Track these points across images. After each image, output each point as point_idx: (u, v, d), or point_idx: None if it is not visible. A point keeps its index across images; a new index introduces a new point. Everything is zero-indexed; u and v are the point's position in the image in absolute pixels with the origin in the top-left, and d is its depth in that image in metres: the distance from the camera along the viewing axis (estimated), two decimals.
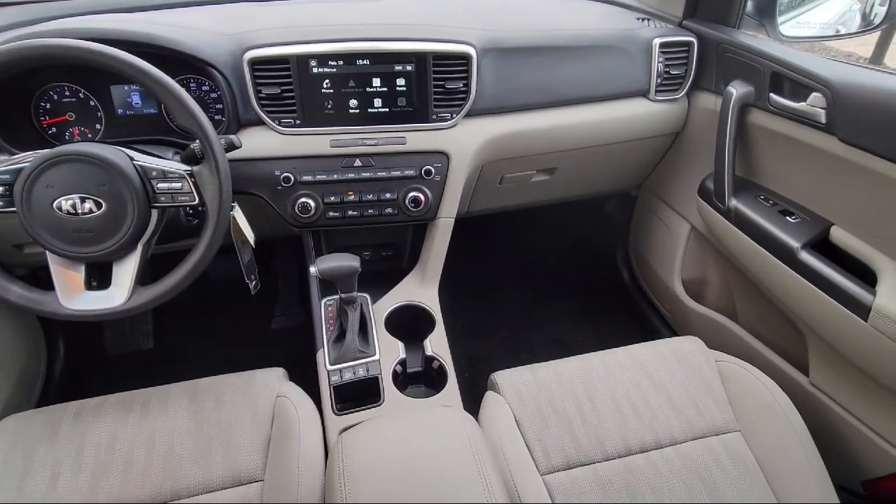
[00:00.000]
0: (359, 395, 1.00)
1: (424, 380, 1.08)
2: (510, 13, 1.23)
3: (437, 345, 1.09)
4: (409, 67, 1.00)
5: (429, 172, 1.06)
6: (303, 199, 1.02)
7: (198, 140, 0.80)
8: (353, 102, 1.01)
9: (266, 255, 1.77)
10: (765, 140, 1.11)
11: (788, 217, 1.04)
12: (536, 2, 1.37)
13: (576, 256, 1.95)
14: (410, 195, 1.06)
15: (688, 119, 1.29)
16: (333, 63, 0.97)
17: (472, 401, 0.99)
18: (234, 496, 0.80)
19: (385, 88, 1.00)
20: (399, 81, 1.00)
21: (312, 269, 0.97)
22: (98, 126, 0.99)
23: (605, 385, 0.94)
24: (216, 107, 1.00)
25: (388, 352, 1.05)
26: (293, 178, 1.01)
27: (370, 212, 1.07)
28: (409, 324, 1.13)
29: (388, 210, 1.08)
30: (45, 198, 0.75)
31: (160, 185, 0.79)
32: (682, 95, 1.25)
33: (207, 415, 0.87)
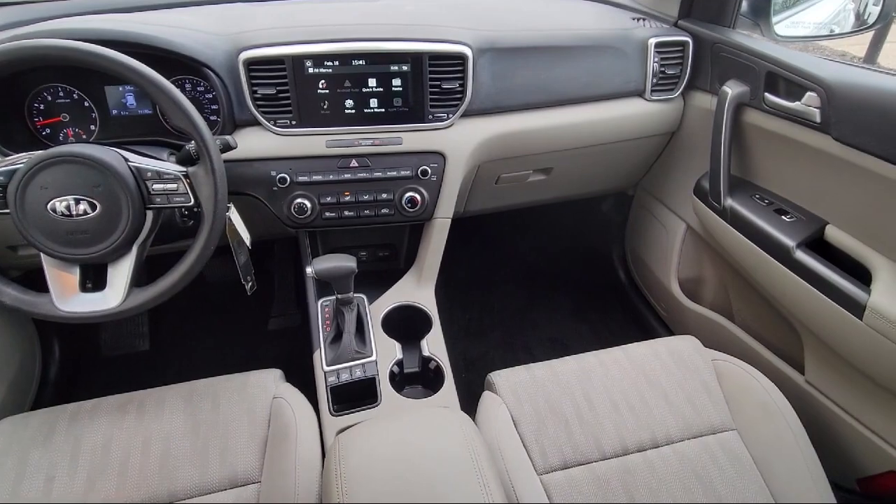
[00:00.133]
0: (356, 396, 1.00)
1: (421, 380, 1.08)
2: (506, 13, 1.23)
3: (434, 345, 1.09)
4: (405, 67, 1.00)
5: (425, 173, 1.06)
6: (299, 200, 1.02)
7: (193, 141, 0.79)
8: (349, 103, 1.00)
9: (262, 256, 1.76)
10: (760, 139, 1.11)
11: (784, 216, 1.05)
12: (532, 2, 1.37)
13: (572, 256, 1.95)
14: (407, 195, 1.06)
15: (683, 119, 1.29)
16: (329, 63, 0.97)
17: (470, 401, 0.99)
18: (231, 498, 0.79)
19: (381, 89, 1.00)
20: (395, 82, 1.00)
21: (309, 270, 0.97)
22: (92, 127, 0.99)
23: (602, 384, 0.94)
24: (211, 107, 1.00)
25: (385, 352, 1.05)
26: (289, 179, 1.01)
27: (366, 212, 1.07)
28: (406, 324, 1.13)
29: (385, 210, 1.07)
30: (40, 199, 0.74)
31: (155, 187, 0.79)
32: (678, 95, 1.25)
33: (204, 416, 0.86)
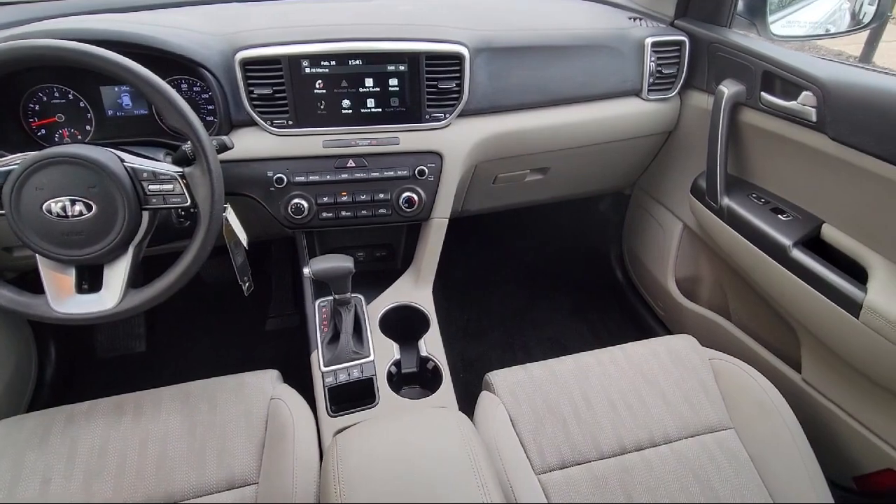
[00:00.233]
0: (353, 397, 1.00)
1: (419, 380, 1.08)
2: (503, 13, 1.23)
3: (432, 345, 1.08)
4: (402, 67, 1.00)
5: (422, 172, 1.06)
6: (296, 200, 1.02)
7: (189, 141, 0.79)
8: (346, 103, 1.00)
9: (259, 257, 1.76)
10: (756, 138, 1.11)
11: (780, 215, 1.05)
12: (529, 1, 1.37)
13: (570, 256, 1.95)
14: (404, 195, 1.06)
15: (680, 118, 1.29)
16: (326, 63, 0.97)
17: (468, 401, 0.99)
18: (229, 499, 0.79)
19: (378, 89, 1.00)
20: (392, 81, 1.00)
21: (306, 271, 0.97)
22: (88, 127, 0.98)
23: (600, 384, 0.94)
24: (208, 107, 0.99)
25: (383, 353, 1.05)
26: (286, 179, 1.01)
27: (363, 212, 1.07)
28: (404, 324, 1.13)
29: (382, 210, 1.07)
30: (35, 200, 0.74)
31: (151, 187, 0.79)
32: (675, 94, 1.25)
33: (201, 418, 0.86)
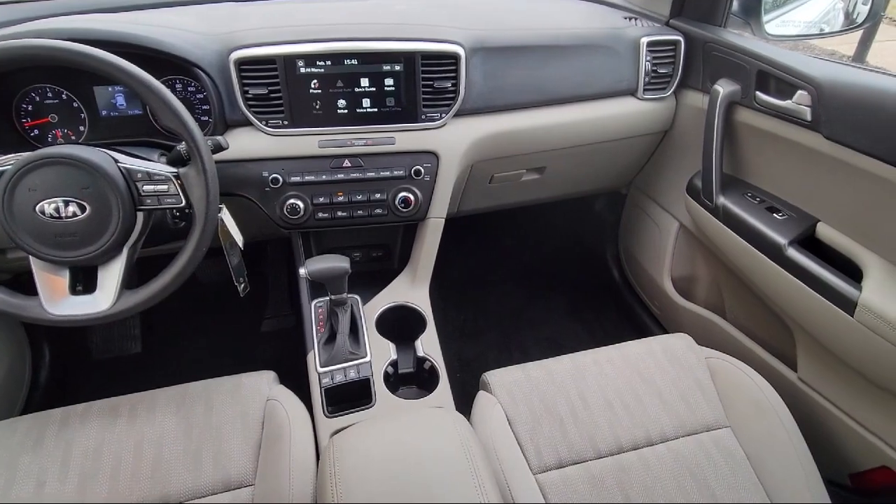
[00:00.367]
0: (350, 397, 0.99)
1: (416, 381, 1.07)
2: (498, 12, 1.23)
3: (429, 345, 1.08)
4: (398, 67, 0.99)
5: (418, 172, 1.05)
6: (291, 201, 1.01)
7: (184, 141, 0.79)
8: (342, 103, 1.00)
9: (255, 257, 1.75)
10: (751, 138, 1.12)
11: (775, 214, 1.05)
12: (525, 1, 1.37)
13: (566, 255, 1.95)
14: (400, 195, 1.06)
15: (675, 117, 1.30)
16: (321, 63, 0.96)
17: (464, 401, 0.99)
18: (225, 500, 0.79)
19: (373, 88, 1.00)
20: (387, 81, 1.00)
21: (302, 271, 0.96)
22: (81, 128, 0.98)
23: (597, 383, 0.94)
24: (202, 108, 0.99)
25: (380, 353, 1.05)
26: (281, 180, 1.00)
27: (360, 212, 1.07)
28: (401, 325, 1.12)
29: (378, 210, 1.07)
30: (28, 201, 0.73)
31: (146, 188, 0.78)
32: (670, 94, 1.26)
33: (197, 419, 0.86)
